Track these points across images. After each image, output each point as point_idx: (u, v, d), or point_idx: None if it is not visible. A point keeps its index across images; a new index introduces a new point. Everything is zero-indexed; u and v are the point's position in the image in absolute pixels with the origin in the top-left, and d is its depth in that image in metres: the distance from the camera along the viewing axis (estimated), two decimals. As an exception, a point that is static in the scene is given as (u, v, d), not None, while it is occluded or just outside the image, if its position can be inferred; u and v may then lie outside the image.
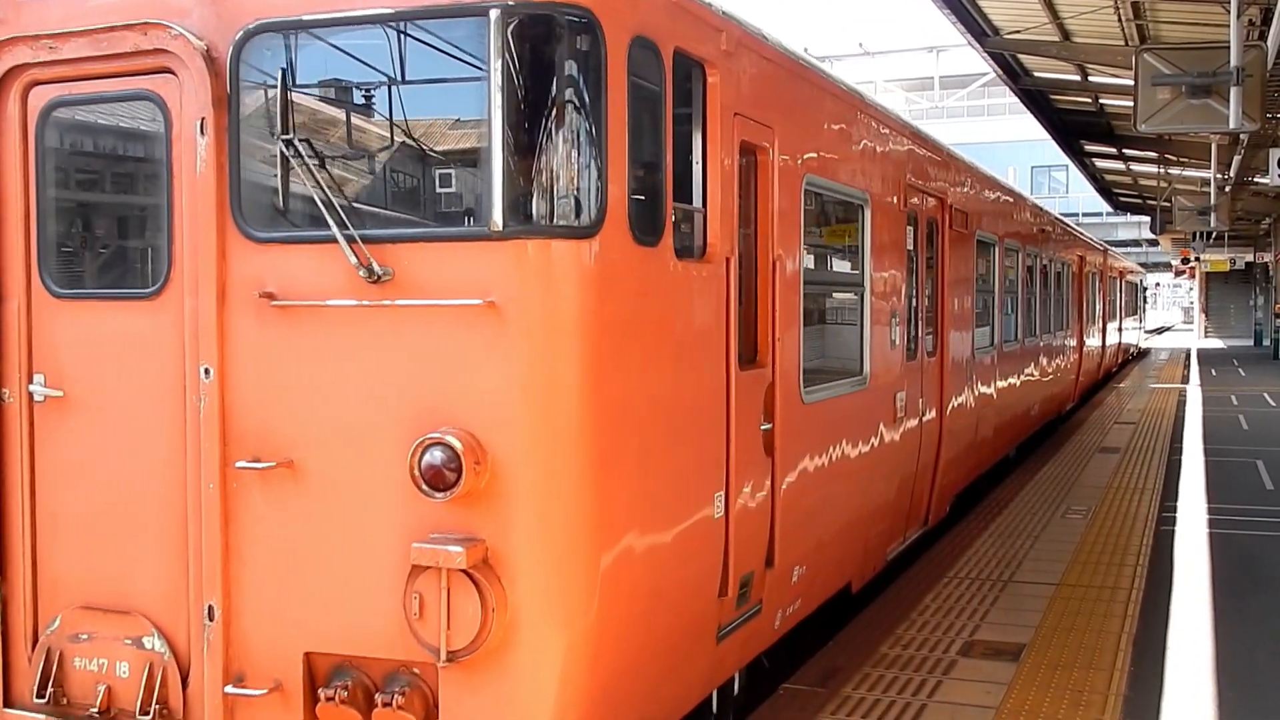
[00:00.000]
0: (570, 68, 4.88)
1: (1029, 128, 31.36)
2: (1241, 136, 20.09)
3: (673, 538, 5.53)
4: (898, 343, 9.40)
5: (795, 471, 7.00)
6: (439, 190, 5.31)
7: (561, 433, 4.85)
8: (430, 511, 4.83)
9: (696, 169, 5.83)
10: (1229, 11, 12.15)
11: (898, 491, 9.56)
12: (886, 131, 9.18)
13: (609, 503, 5.03)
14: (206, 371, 5.16)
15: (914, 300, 10.22)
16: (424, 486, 4.80)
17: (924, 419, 10.31)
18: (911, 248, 10.01)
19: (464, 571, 4.71)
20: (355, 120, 5.30)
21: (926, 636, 8.15)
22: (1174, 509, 12.99)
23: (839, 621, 8.64)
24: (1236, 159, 23.24)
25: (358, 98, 5.26)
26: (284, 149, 4.98)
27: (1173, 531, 11.75)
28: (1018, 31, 18.80)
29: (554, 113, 4.85)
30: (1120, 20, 17.17)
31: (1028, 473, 15.60)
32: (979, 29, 18.59)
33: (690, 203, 5.78)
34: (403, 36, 5.01)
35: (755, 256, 6.61)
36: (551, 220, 4.84)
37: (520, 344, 4.79)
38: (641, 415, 5.24)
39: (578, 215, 4.88)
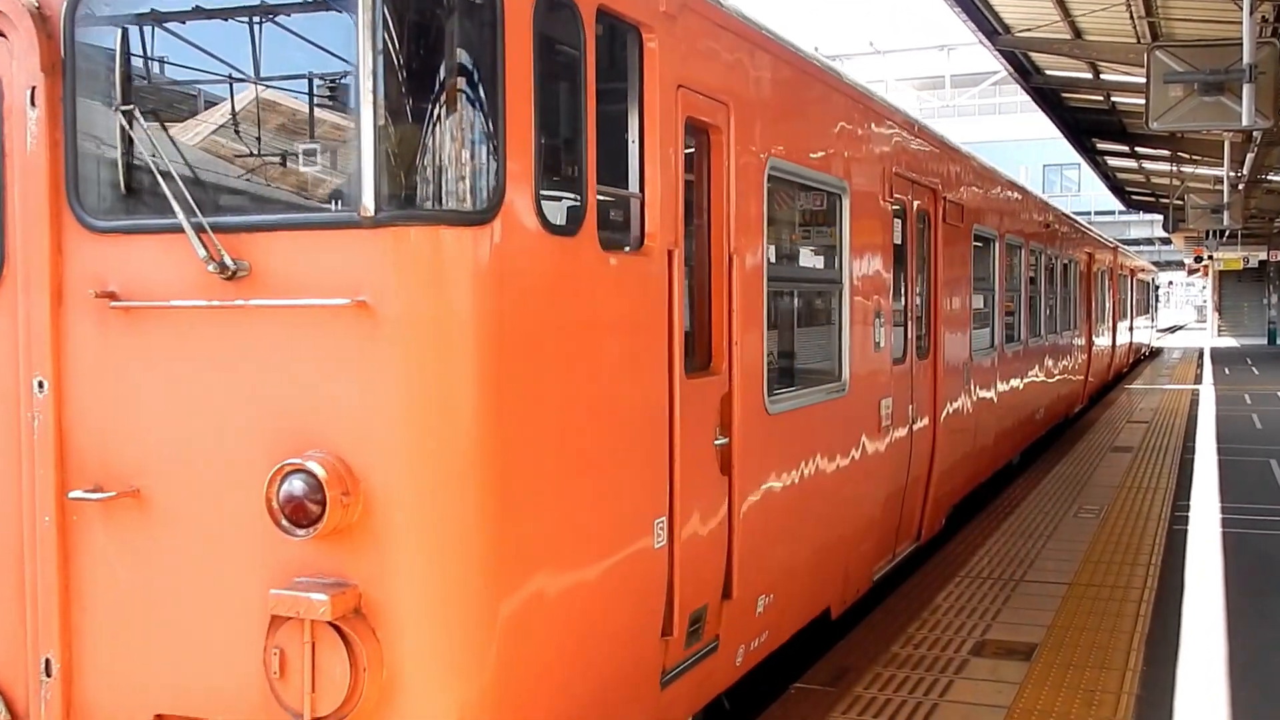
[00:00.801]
0: (458, 21, 4.14)
1: (1041, 126, 31.26)
2: (1255, 134, 19.98)
3: (599, 575, 4.84)
4: (883, 345, 8.67)
5: (758, 491, 6.34)
6: (304, 169, 4.46)
7: (450, 456, 4.12)
8: (294, 551, 4.12)
9: (633, 149, 5.09)
10: (1241, 8, 12.09)
11: (885, 506, 8.89)
12: (869, 116, 8.43)
13: (513, 538, 4.30)
14: (40, 385, 4.42)
15: (903, 299, 9.57)
16: (283, 521, 4.07)
17: (914, 427, 9.63)
18: (900, 242, 9.31)
19: (330, 624, 4.01)
20: (207, 88, 4.54)
21: (938, 636, 8.12)
22: (1187, 508, 12.93)
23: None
24: (1250, 157, 23.13)
25: (210, 61, 4.48)
26: (124, 122, 4.23)
27: (1185, 531, 11.70)
28: (1029, 29, 18.74)
29: (438, 75, 4.12)
30: (1132, 17, 17.12)
31: (1040, 472, 15.55)
32: (990, 27, 18.54)
33: (624, 187, 5.11)
34: None
35: (709, 250, 5.93)
36: (437, 203, 4.10)
37: (397, 351, 4.07)
38: (556, 433, 4.51)
39: (468, 198, 4.14)
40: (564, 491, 4.60)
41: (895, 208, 9.10)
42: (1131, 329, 34.95)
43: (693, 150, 5.77)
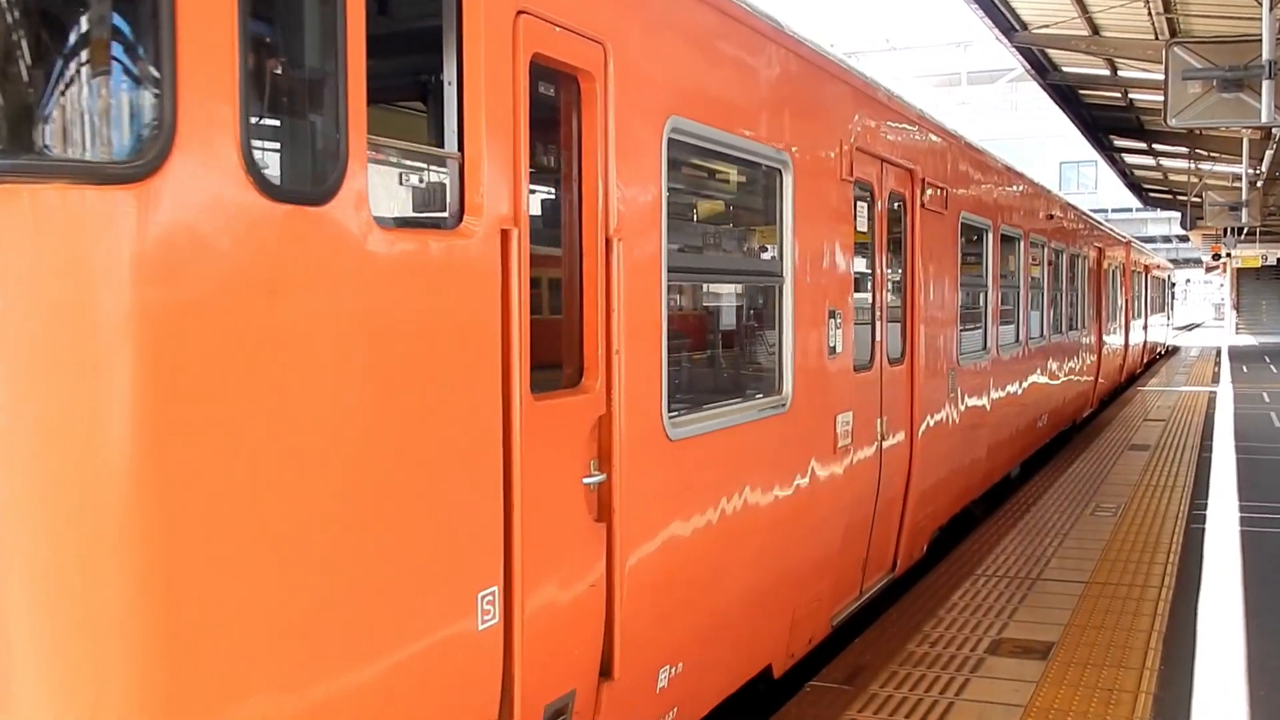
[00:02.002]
0: None
1: (1058, 123, 31.16)
2: (1273, 131, 19.89)
3: (367, 682, 3.49)
4: (841, 350, 7.40)
5: (655, 538, 5.14)
6: None
7: (79, 527, 2.77)
8: None
9: (448, 93, 3.89)
10: (1261, 4, 12.03)
11: (846, 538, 7.72)
12: (820, 78, 7.05)
13: (197, 648, 2.95)
14: None
15: (871, 296, 8.36)
16: None
17: (884, 444, 8.43)
18: (866, 229, 8.03)
19: None
20: None
21: (954, 634, 8.11)
22: (1204, 507, 12.87)
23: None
24: (1268, 154, 23.03)
25: None
26: None
27: (1203, 529, 11.64)
28: (1046, 26, 18.67)
29: None
30: (1150, 14, 17.04)
31: (1056, 470, 15.50)
32: (1007, 24, 18.48)
33: (439, 144, 3.96)
34: None
35: (580, 233, 4.65)
36: (59, 146, 2.81)
37: None
38: (290, 486, 3.20)
39: (110, 141, 2.84)
40: (301, 571, 3.24)
41: (860, 189, 7.83)
42: (1146, 328, 34.32)
43: (548, 98, 4.56)
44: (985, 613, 8.65)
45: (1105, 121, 27.45)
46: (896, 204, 8.94)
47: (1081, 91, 24.52)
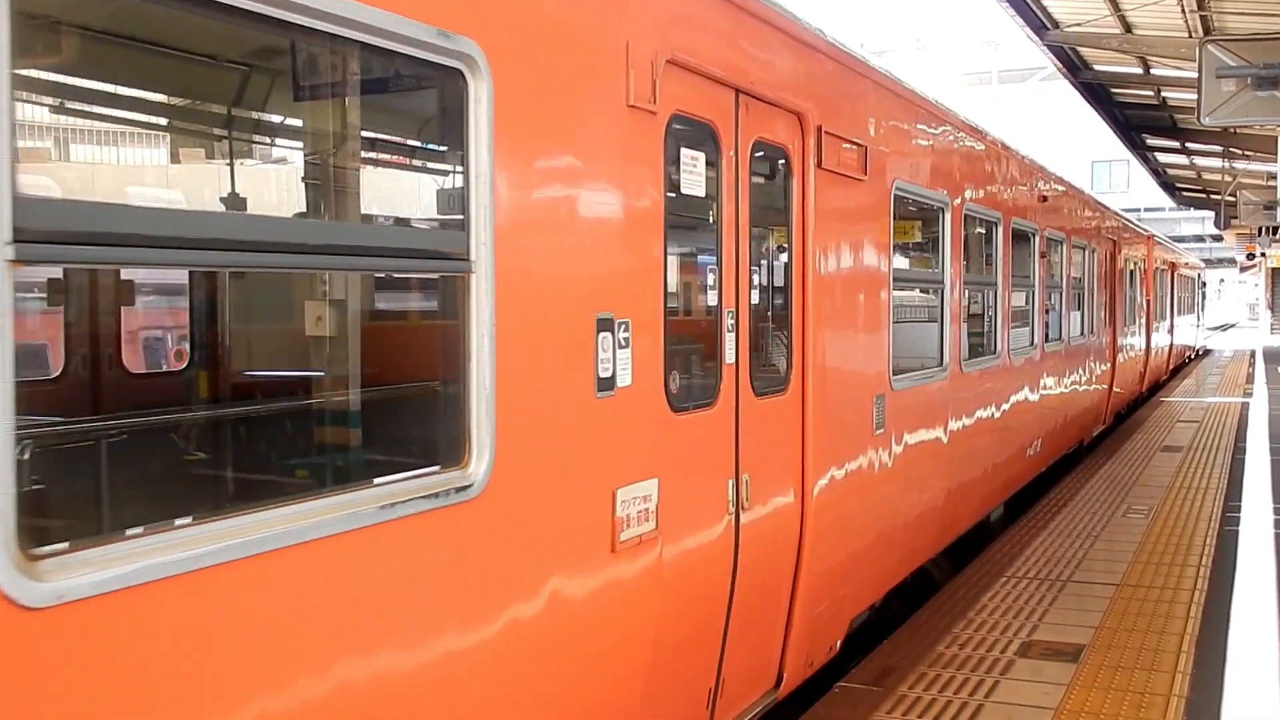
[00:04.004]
0: None
1: (1090, 122, 30.93)
2: (1309, 129, 19.71)
3: None
4: (627, 381, 4.69)
5: None
6: None
7: None
8: None
9: None
10: (1296, 2, 11.94)
11: (653, 672, 5.03)
12: None
13: None
14: None
15: (716, 294, 5.70)
16: None
17: (745, 516, 5.79)
18: (703, 194, 5.49)
19: None
20: None
21: (984, 636, 8.07)
22: (1238, 509, 12.76)
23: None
24: (1304, 152, 22.80)
25: None
26: None
27: (1237, 532, 11.54)
28: (1078, 24, 18.56)
29: None
30: (1183, 11, 16.91)
31: (1087, 472, 15.39)
32: (1039, 23, 18.39)
33: None
34: None
35: None
36: None
37: None
38: None
39: None
40: None
41: (684, 129, 5.26)
42: (1172, 330, 32.44)
43: None
44: (1015, 614, 8.61)
45: (1137, 120, 27.25)
46: (770, 159, 6.32)
47: (1113, 90, 24.36)
